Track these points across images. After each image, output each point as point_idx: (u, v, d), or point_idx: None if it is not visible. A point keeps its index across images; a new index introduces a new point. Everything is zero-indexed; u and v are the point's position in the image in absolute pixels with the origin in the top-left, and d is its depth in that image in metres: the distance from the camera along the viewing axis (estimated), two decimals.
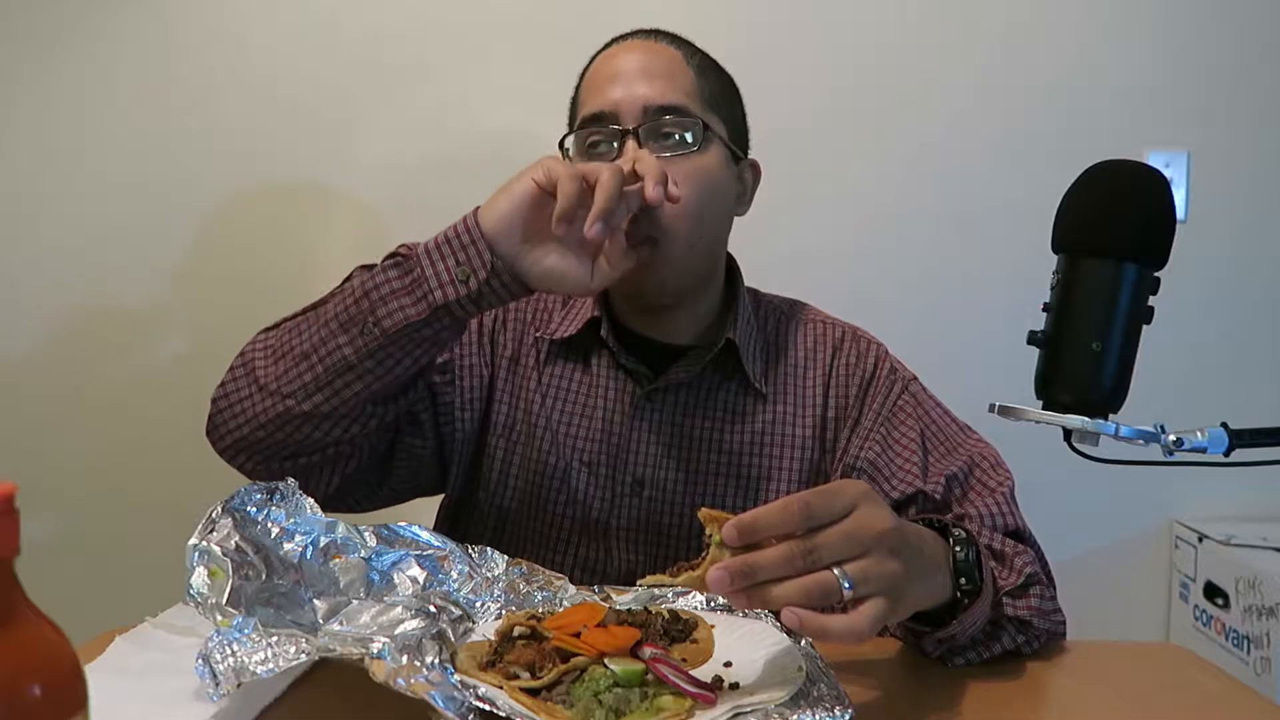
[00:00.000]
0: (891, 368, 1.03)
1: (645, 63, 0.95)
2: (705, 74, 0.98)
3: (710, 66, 1.00)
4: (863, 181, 1.73)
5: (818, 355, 1.04)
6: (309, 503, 0.80)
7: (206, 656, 0.62)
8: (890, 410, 1.00)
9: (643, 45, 0.98)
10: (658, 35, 1.00)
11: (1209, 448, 0.66)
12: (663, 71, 0.95)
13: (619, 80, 0.94)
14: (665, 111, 0.93)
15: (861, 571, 0.63)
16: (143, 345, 1.74)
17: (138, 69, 1.70)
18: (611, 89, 0.94)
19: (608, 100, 0.94)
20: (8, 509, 0.41)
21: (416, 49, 1.71)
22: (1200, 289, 1.71)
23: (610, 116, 0.94)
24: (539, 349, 1.05)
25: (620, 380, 1.02)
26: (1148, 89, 1.71)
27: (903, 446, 0.97)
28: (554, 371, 1.04)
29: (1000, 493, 0.93)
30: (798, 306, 1.10)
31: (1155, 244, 0.67)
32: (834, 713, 0.62)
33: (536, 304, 1.08)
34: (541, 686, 0.64)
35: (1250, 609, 1.54)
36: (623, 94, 0.93)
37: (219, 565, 0.70)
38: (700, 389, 1.01)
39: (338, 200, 1.73)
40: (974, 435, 1.01)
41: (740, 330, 1.01)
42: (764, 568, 0.62)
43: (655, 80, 0.94)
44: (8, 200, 1.72)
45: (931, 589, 0.73)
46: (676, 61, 0.96)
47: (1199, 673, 0.82)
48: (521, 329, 1.07)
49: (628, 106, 0.93)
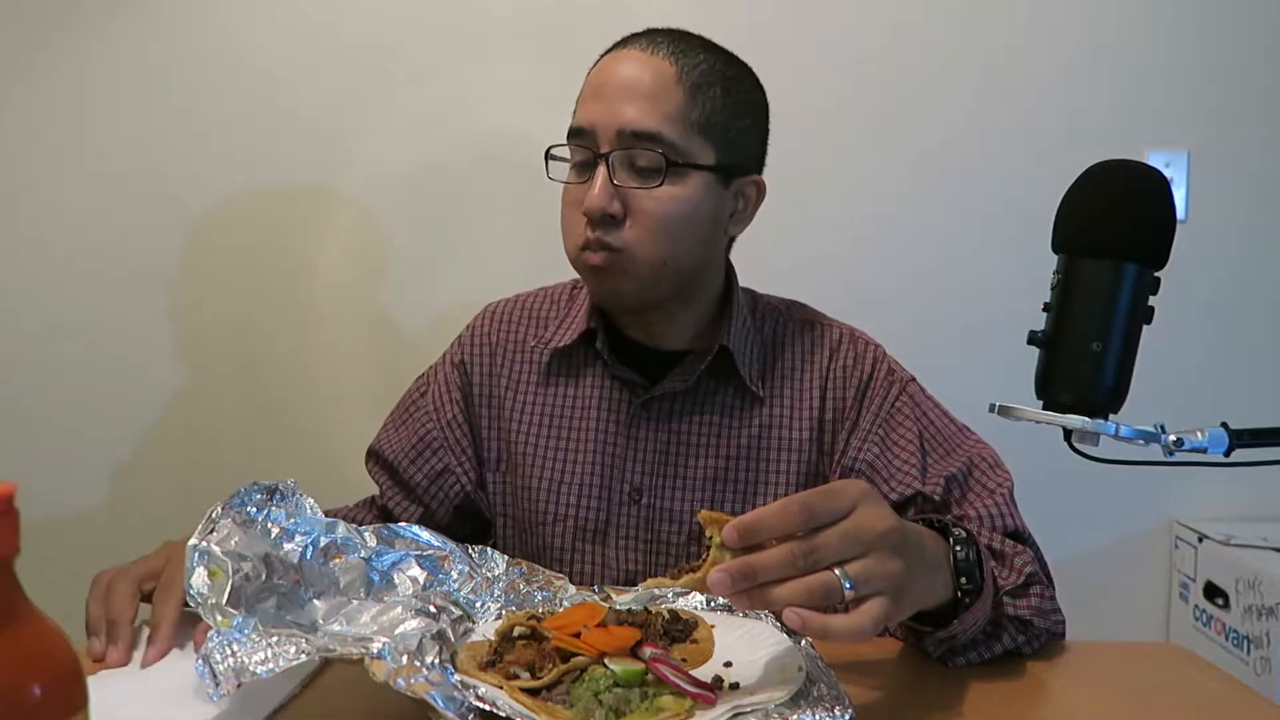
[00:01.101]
0: (889, 369, 1.03)
1: (632, 79, 0.93)
2: (701, 92, 0.93)
3: (713, 81, 0.95)
4: (863, 181, 1.73)
5: (815, 357, 1.03)
6: (309, 503, 0.80)
7: (206, 657, 0.62)
8: (888, 412, 1.00)
9: (637, 57, 0.94)
10: (658, 44, 0.95)
11: (1209, 448, 0.66)
12: (647, 91, 0.92)
13: (603, 95, 0.94)
14: (640, 137, 0.91)
15: (863, 571, 0.63)
16: (142, 345, 1.73)
17: (137, 70, 1.70)
18: (595, 104, 0.94)
19: (588, 116, 0.94)
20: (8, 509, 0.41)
21: (415, 50, 1.71)
22: (1200, 289, 1.71)
23: (589, 134, 0.93)
24: (538, 359, 1.06)
25: (616, 389, 1.02)
26: (1148, 89, 1.71)
27: (900, 448, 0.97)
28: (551, 381, 1.05)
29: (1000, 493, 0.93)
30: (795, 307, 1.09)
31: (1155, 244, 0.67)
32: (834, 713, 0.62)
33: (503, 326, 1.10)
34: (541, 686, 0.64)
35: (1250, 609, 1.54)
36: (602, 112, 0.93)
37: (219, 565, 0.70)
38: (696, 395, 1.01)
39: (336, 201, 1.73)
40: (972, 435, 1.00)
41: (735, 335, 1.00)
42: (765, 569, 0.62)
43: (637, 101, 0.92)
44: (7, 200, 1.72)
45: (932, 588, 0.73)
46: (666, 80, 0.93)
47: (1199, 673, 0.82)
48: (490, 354, 1.08)
49: (604, 127, 0.92)
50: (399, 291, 1.74)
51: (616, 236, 0.93)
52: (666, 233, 0.93)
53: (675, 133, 0.92)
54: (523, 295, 1.14)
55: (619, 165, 0.92)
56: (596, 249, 0.93)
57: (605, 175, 0.92)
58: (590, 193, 0.92)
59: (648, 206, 0.92)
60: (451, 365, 1.09)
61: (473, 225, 1.71)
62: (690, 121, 0.93)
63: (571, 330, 1.04)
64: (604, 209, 0.91)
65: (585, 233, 0.94)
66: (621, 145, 0.92)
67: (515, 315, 1.10)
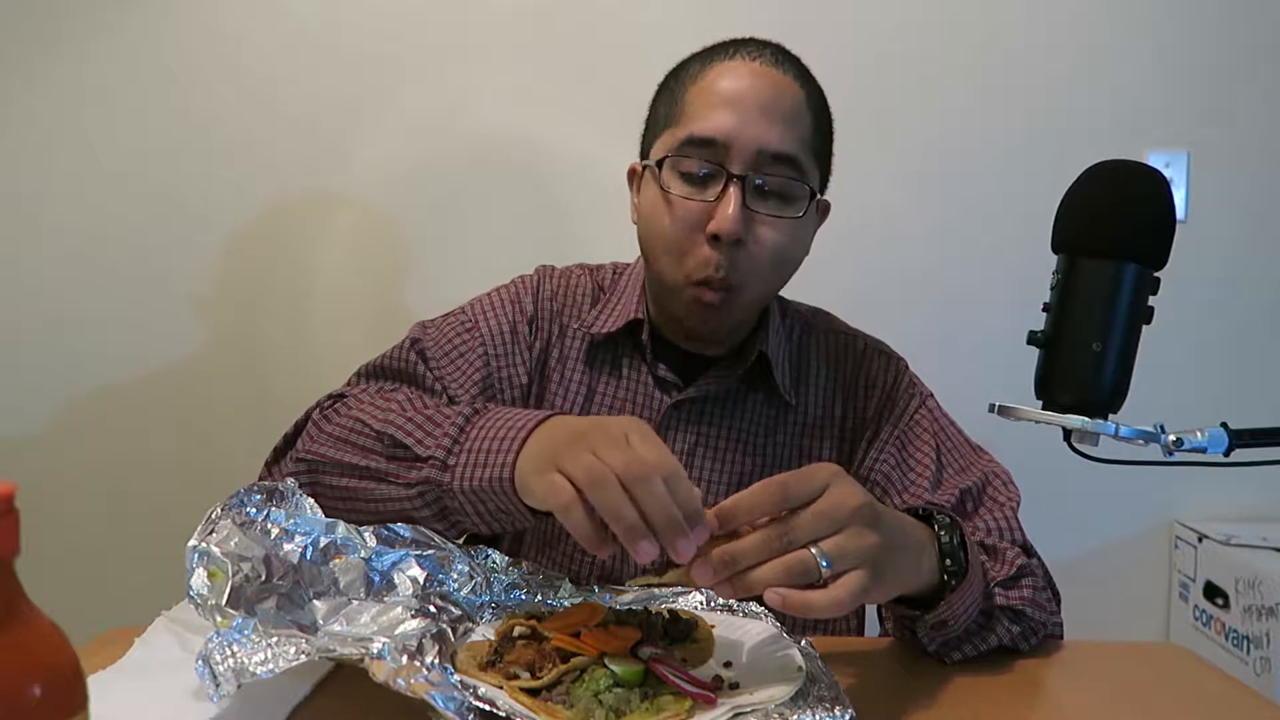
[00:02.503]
0: (910, 382, 1.04)
1: (771, 97, 0.88)
2: (819, 118, 0.92)
3: (823, 106, 0.94)
4: (863, 182, 1.72)
5: (841, 367, 1.04)
6: (309, 503, 0.80)
7: (206, 657, 0.62)
8: (907, 424, 1.00)
9: (769, 74, 0.90)
10: (783, 63, 0.91)
11: (1209, 448, 0.66)
12: (787, 114, 0.88)
13: (739, 108, 0.87)
14: (779, 160, 0.87)
15: (837, 547, 0.64)
16: (142, 345, 1.73)
17: (138, 69, 1.70)
18: (728, 114, 0.88)
19: (722, 127, 0.87)
20: (8, 509, 0.41)
21: (416, 50, 1.71)
22: (1200, 289, 1.71)
23: (721, 147, 0.88)
24: (579, 342, 1.02)
25: (649, 387, 1.00)
26: (1148, 89, 1.71)
27: (917, 461, 0.98)
28: (592, 365, 1.01)
29: (1009, 507, 0.94)
30: (820, 316, 1.09)
31: (1155, 244, 0.67)
32: (834, 713, 0.62)
33: (560, 295, 1.04)
34: (541, 686, 0.64)
35: (1250, 609, 1.54)
36: (739, 127, 0.87)
37: (219, 566, 0.70)
38: (728, 400, 1.00)
39: (336, 202, 1.73)
40: (986, 455, 1.01)
41: (771, 342, 1.00)
42: (744, 554, 0.63)
43: (777, 123, 0.87)
44: (7, 200, 1.72)
45: (917, 568, 0.74)
46: (800, 103, 0.90)
47: (1199, 673, 0.82)
48: (552, 319, 1.02)
49: (742, 144, 0.87)
50: (399, 291, 1.74)
51: (736, 270, 0.89)
52: (780, 265, 0.92)
53: (806, 159, 0.91)
54: (569, 269, 1.08)
55: (751, 193, 0.88)
56: (718, 288, 0.89)
57: (738, 196, 0.87)
58: (724, 213, 0.87)
59: (768, 236, 0.89)
60: (521, 314, 1.01)
61: (473, 225, 1.72)
62: (813, 148, 0.92)
63: (616, 318, 1.00)
64: (738, 234, 0.87)
65: (709, 256, 0.88)
66: (757, 166, 0.88)
67: (568, 288, 1.05)
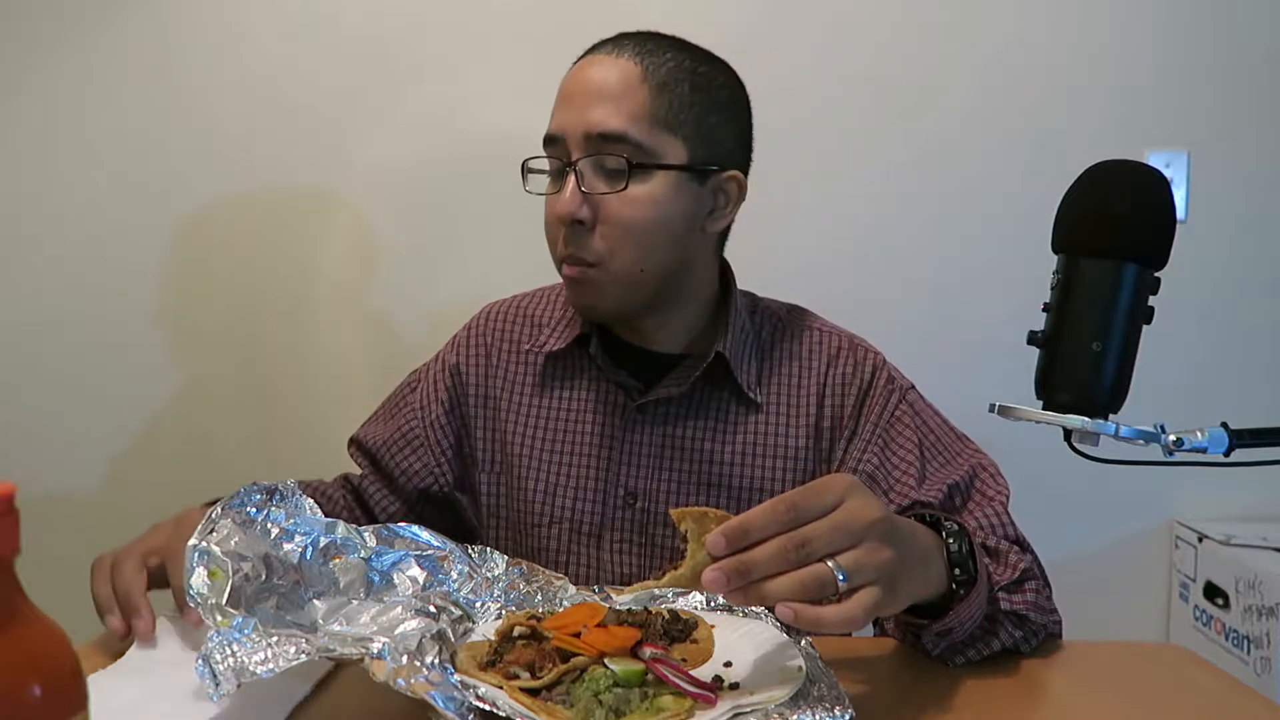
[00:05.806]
0: (889, 377, 1.02)
1: (598, 82, 0.93)
2: (668, 89, 0.93)
3: (681, 78, 0.94)
4: (862, 182, 1.73)
5: (813, 364, 1.03)
6: (309, 503, 0.80)
7: (206, 657, 0.62)
8: (888, 420, 0.99)
9: (602, 60, 0.95)
10: (624, 46, 0.95)
11: (1209, 448, 0.66)
12: (613, 92, 0.92)
13: (570, 101, 0.94)
14: (606, 139, 0.91)
15: (854, 562, 0.63)
16: (142, 344, 1.73)
17: (138, 69, 1.70)
18: (562, 110, 0.95)
19: (557, 123, 0.95)
20: (8, 509, 0.41)
21: (416, 50, 1.71)
22: (1200, 289, 1.70)
23: (560, 142, 0.94)
24: (534, 361, 1.06)
25: (611, 393, 1.02)
26: (1148, 89, 1.71)
27: (900, 457, 0.97)
28: (547, 383, 1.05)
29: (999, 501, 0.93)
30: (796, 313, 1.09)
31: (1155, 244, 0.67)
32: (834, 713, 0.62)
33: (500, 325, 1.10)
34: (541, 686, 0.64)
35: (1250, 609, 1.54)
36: (569, 118, 0.94)
37: (219, 566, 0.70)
38: (692, 399, 1.01)
39: (336, 201, 1.73)
40: (971, 444, 1.00)
41: (732, 341, 1.00)
42: (759, 565, 0.62)
43: (602, 103, 0.92)
44: (7, 200, 1.72)
45: (926, 579, 0.73)
46: (631, 79, 0.93)
47: (1199, 673, 0.82)
48: (486, 356, 1.08)
49: (572, 132, 0.93)
50: (398, 291, 1.74)
51: (588, 248, 0.94)
52: (637, 238, 0.94)
53: (642, 132, 0.92)
54: (520, 296, 1.14)
55: (588, 170, 0.93)
56: (572, 263, 0.95)
57: (574, 181, 0.93)
58: (560, 198, 0.93)
59: (615, 211, 0.93)
60: (444, 367, 1.09)
61: (472, 225, 1.71)
62: (657, 119, 0.92)
63: (566, 334, 1.04)
64: (572, 214, 0.92)
65: (564, 237, 0.95)
66: (590, 149, 0.92)
67: (512, 316, 1.10)
